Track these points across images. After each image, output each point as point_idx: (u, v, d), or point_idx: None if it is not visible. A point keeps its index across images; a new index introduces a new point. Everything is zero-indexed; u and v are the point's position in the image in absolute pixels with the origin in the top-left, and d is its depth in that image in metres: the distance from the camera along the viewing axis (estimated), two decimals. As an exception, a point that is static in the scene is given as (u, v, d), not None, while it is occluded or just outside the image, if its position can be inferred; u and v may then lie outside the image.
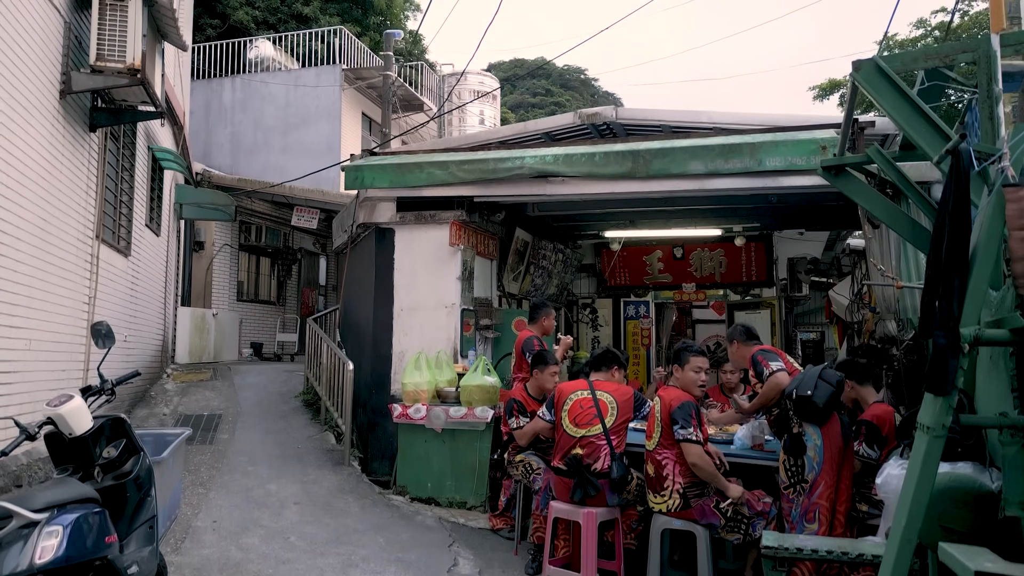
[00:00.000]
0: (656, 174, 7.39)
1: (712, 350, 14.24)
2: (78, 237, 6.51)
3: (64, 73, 5.95)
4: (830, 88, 20.85)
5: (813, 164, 6.82)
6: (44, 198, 5.66)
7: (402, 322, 8.36)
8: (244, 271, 15.35)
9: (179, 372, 10.87)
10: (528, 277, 10.15)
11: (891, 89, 3.99)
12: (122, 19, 6.05)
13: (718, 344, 13.97)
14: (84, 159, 6.61)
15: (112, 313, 7.70)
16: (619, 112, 9.78)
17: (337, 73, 18.84)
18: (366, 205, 8.62)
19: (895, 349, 6.59)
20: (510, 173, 7.76)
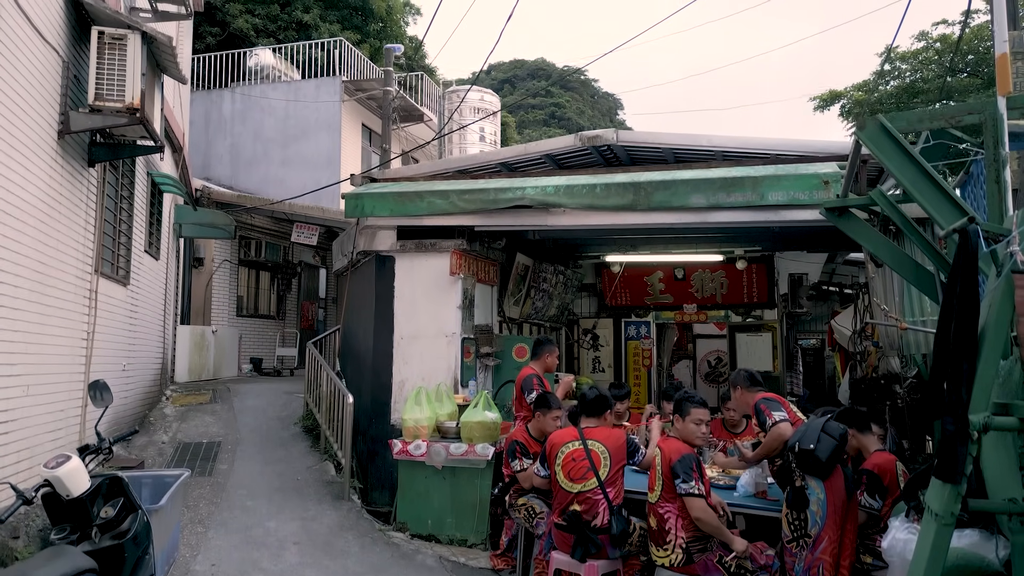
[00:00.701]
0: (658, 206, 7.35)
1: (713, 365, 14.26)
2: (77, 274, 6.47)
3: (62, 113, 5.91)
4: (830, 99, 20.81)
5: (815, 199, 6.80)
6: (42, 240, 5.62)
7: (402, 350, 8.33)
8: (244, 286, 15.31)
9: (178, 394, 10.83)
10: (529, 301, 10.11)
11: (896, 150, 3.95)
12: (121, 58, 6.01)
13: (719, 359, 13.98)
14: (83, 194, 6.57)
15: (111, 346, 7.67)
16: (620, 135, 9.71)
17: (337, 85, 18.80)
18: (366, 232, 8.58)
19: (899, 386, 6.56)
20: (511, 204, 7.71)
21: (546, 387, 6.52)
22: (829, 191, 6.73)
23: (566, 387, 6.82)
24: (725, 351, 13.42)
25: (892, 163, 3.93)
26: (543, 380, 6.57)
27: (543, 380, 6.57)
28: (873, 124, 3.98)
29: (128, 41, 6.02)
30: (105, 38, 6.00)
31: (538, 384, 6.41)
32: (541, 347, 6.85)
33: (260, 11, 26.63)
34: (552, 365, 6.83)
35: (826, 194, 6.74)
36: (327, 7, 27.70)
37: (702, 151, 9.61)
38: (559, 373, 8.44)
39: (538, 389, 6.34)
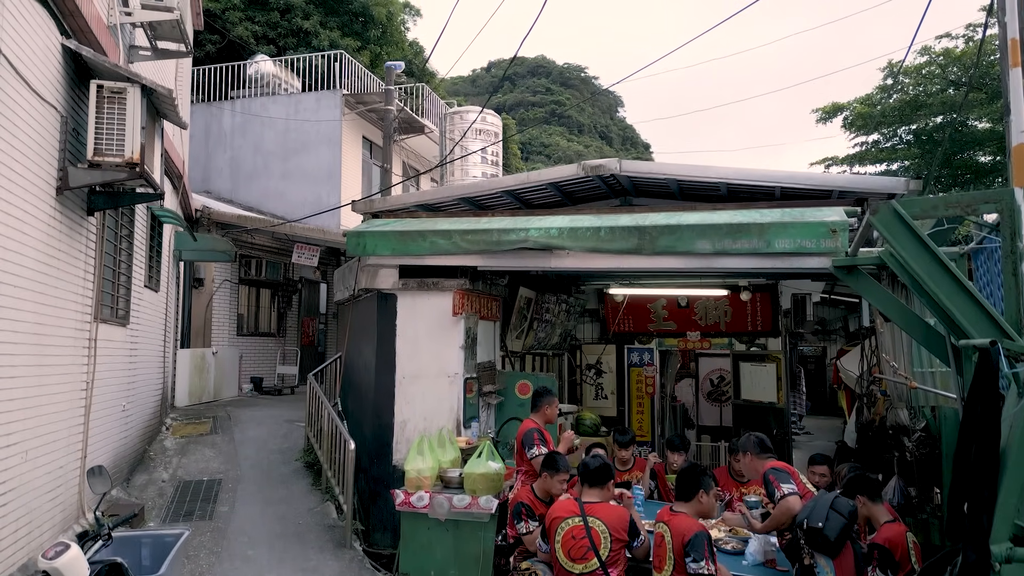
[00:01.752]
0: (663, 251, 7.26)
1: (715, 384, 14.20)
2: (76, 326, 6.40)
3: (61, 169, 5.82)
4: (833, 111, 20.71)
5: (823, 247, 6.72)
6: (39, 301, 5.54)
7: (404, 390, 8.26)
8: (244, 304, 15.24)
9: (178, 423, 10.76)
10: (531, 333, 10.04)
11: (910, 238, 3.88)
12: (120, 111, 5.92)
13: (721, 378, 13.91)
14: (82, 244, 6.49)
15: (111, 390, 7.60)
16: (623, 165, 9.65)
17: (338, 98, 18.72)
18: (368, 270, 8.51)
19: (907, 439, 6.49)
20: (514, 246, 7.63)
21: (547, 441, 6.44)
22: (837, 240, 6.64)
23: (567, 443, 6.71)
24: (728, 370, 13.35)
25: (907, 252, 3.86)
26: (544, 433, 6.48)
27: (544, 433, 6.48)
28: (887, 210, 3.91)
29: (127, 94, 5.93)
30: (104, 92, 5.91)
31: (538, 439, 6.32)
32: (540, 398, 6.76)
33: (260, 18, 26.51)
34: (552, 416, 6.73)
35: (833, 243, 6.65)
36: (327, 13, 27.57)
37: (706, 182, 9.55)
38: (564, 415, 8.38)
39: (538, 444, 6.27)
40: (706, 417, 14.25)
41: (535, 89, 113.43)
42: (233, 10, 25.90)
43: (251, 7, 26.66)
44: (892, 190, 9.38)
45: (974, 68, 15.97)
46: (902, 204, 3.92)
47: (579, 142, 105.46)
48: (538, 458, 6.36)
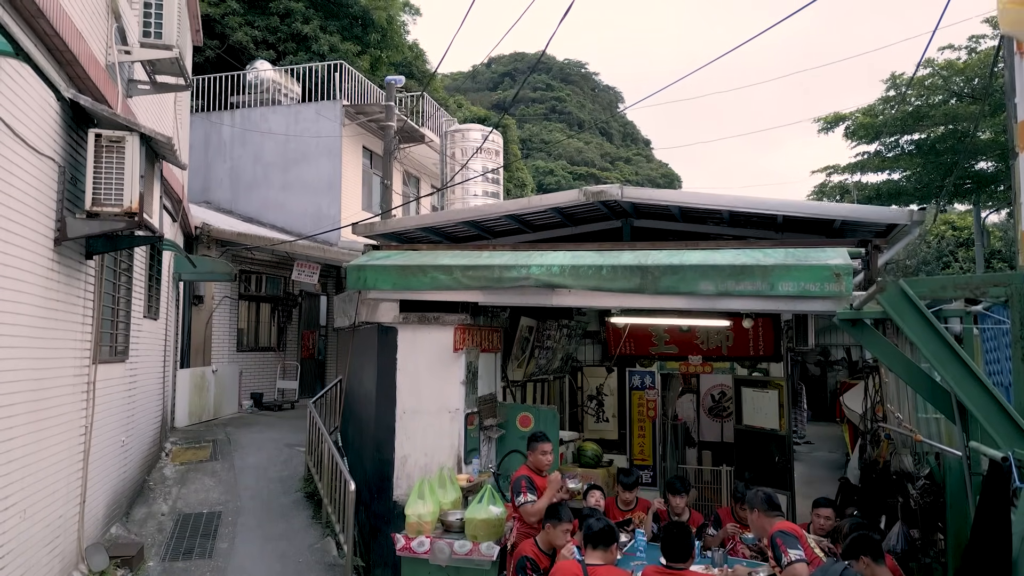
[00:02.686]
0: (665, 291, 7.21)
1: (717, 399, 14.15)
2: (75, 372, 6.35)
3: (59, 220, 5.77)
4: (835, 121, 20.65)
5: (826, 291, 6.66)
6: (37, 356, 5.49)
7: (404, 425, 8.22)
8: (244, 319, 15.19)
9: (178, 447, 10.74)
10: (533, 361, 10.01)
11: (918, 319, 3.84)
12: (119, 160, 5.87)
13: (723, 394, 13.86)
14: (80, 288, 6.44)
15: (110, 429, 7.56)
16: (625, 191, 9.63)
17: (338, 109, 18.64)
18: (368, 303, 8.46)
19: (911, 486, 6.45)
20: (516, 284, 7.58)
21: (537, 486, 6.41)
22: (841, 284, 6.58)
23: (555, 486, 6.58)
24: (729, 385, 13.31)
25: (914, 333, 3.81)
26: (533, 479, 6.45)
27: (533, 479, 6.45)
28: (894, 289, 3.86)
29: (126, 143, 5.88)
30: (102, 140, 5.86)
31: (526, 486, 6.30)
32: (532, 443, 6.75)
33: (259, 23, 26.43)
34: (543, 464, 6.66)
35: (837, 287, 6.59)
36: (327, 17, 27.48)
37: (708, 210, 9.52)
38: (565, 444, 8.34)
39: (525, 492, 6.26)
40: (707, 433, 14.20)
41: (535, 85, 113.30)
42: (232, 15, 25.81)
43: (251, 12, 26.57)
44: (895, 221, 9.34)
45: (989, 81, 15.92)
46: (909, 284, 3.87)
47: (579, 138, 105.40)
48: (525, 506, 6.34)
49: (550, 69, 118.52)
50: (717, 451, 13.68)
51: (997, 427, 3.46)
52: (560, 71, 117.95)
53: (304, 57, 26.15)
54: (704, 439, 14.20)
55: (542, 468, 6.59)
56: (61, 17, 5.30)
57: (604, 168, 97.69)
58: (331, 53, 26.41)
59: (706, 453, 13.93)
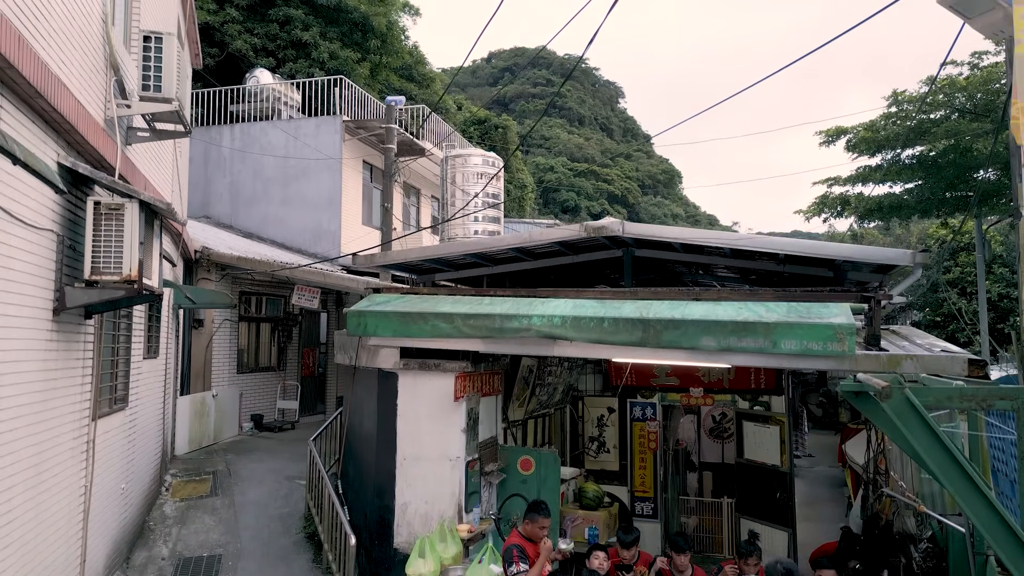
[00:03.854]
0: (667, 346, 7.17)
1: (717, 420, 14.14)
2: (73, 435, 6.33)
3: (58, 290, 5.74)
4: (836, 134, 20.59)
5: (829, 350, 6.65)
6: (36, 425, 5.46)
7: (405, 472, 8.20)
8: (244, 339, 15.15)
9: (178, 480, 10.72)
10: (534, 398, 9.98)
11: (923, 428, 3.81)
12: (118, 228, 5.83)
13: (723, 415, 13.85)
14: (80, 349, 6.41)
15: (109, 481, 7.54)
16: (625, 227, 9.66)
17: (338, 124, 18.59)
18: (369, 349, 8.44)
19: (914, 548, 6.44)
20: (517, 334, 7.55)
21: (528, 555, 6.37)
22: (844, 344, 6.56)
23: (547, 554, 6.51)
24: (730, 406, 13.29)
25: (918, 442, 3.78)
26: (524, 549, 6.40)
27: (524, 549, 6.40)
28: (899, 397, 3.83)
29: (125, 211, 5.85)
30: (101, 208, 5.83)
31: (518, 556, 6.26)
32: (530, 513, 6.70)
33: (259, 30, 26.36)
34: (537, 535, 6.58)
35: (840, 347, 6.57)
36: (327, 23, 27.39)
37: (710, 246, 9.51)
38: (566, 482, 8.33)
39: (517, 562, 6.23)
40: (708, 454, 14.20)
41: (535, 81, 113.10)
42: (232, 23, 25.74)
43: (250, 19, 26.49)
44: (897, 262, 9.33)
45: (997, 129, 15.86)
46: (915, 392, 3.84)
47: (579, 134, 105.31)
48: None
49: (550, 64, 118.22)
50: (718, 472, 13.68)
51: (1004, 547, 3.43)
52: (560, 66, 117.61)
53: (304, 64, 26.08)
54: (705, 460, 14.20)
55: (536, 539, 6.54)
56: (59, 91, 5.26)
57: (604, 164, 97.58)
58: (331, 60, 26.34)
59: (707, 474, 13.94)
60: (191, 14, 11.82)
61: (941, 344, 8.37)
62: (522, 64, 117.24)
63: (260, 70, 22.41)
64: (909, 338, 9.04)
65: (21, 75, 4.56)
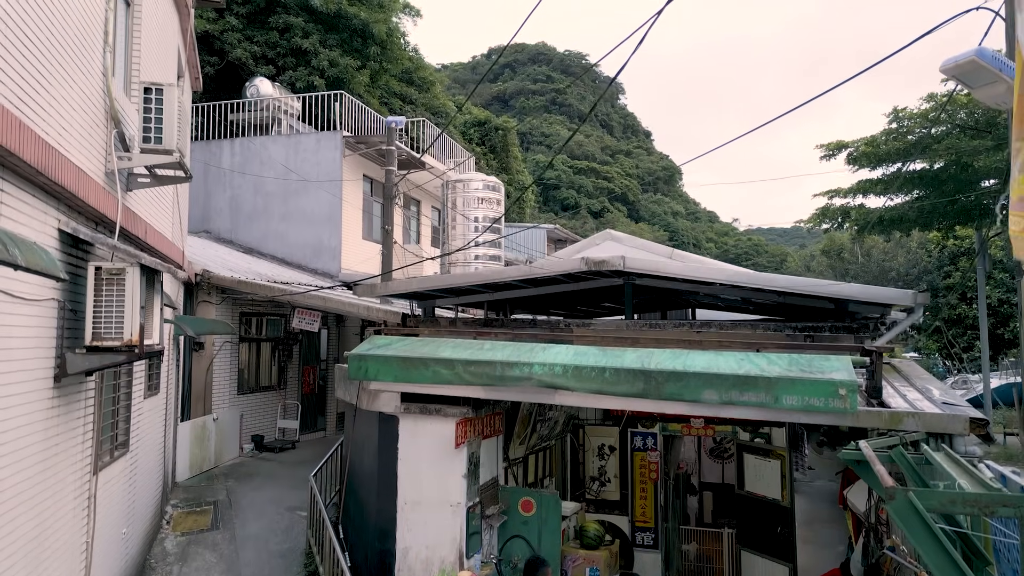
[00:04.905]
0: (669, 398, 7.17)
1: (718, 441, 14.14)
2: (75, 493, 6.33)
3: (59, 357, 5.73)
4: (837, 148, 20.55)
5: (831, 406, 6.65)
6: (37, 488, 5.46)
7: (406, 516, 8.21)
8: (244, 360, 15.15)
9: (179, 512, 10.74)
10: (535, 435, 9.98)
11: (927, 533, 3.80)
12: (119, 292, 5.82)
13: (724, 435, 13.86)
14: (81, 408, 6.41)
15: (110, 529, 7.54)
16: (627, 262, 9.65)
17: (338, 139, 18.56)
18: (369, 392, 8.44)
19: (914, 608, 6.43)
20: (517, 384, 7.55)
21: None
22: (846, 401, 6.56)
23: None
24: (731, 437, 13.29)
25: (919, 542, 3.78)
26: None
27: None
28: (902, 500, 3.83)
29: (126, 275, 5.83)
30: (103, 273, 5.82)
31: None
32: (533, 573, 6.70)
33: (259, 38, 26.31)
34: None
35: (842, 404, 6.58)
36: (327, 31, 27.34)
37: (709, 283, 9.52)
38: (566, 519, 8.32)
39: None
40: (708, 474, 14.20)
41: (535, 77, 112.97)
42: (232, 31, 25.68)
43: (250, 27, 26.43)
44: (898, 301, 9.34)
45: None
46: (918, 496, 3.83)
47: (580, 131, 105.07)
48: None
49: (550, 60, 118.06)
50: (718, 492, 13.70)
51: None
52: (560, 62, 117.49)
53: (304, 72, 26.03)
54: (705, 480, 14.22)
55: None
56: (59, 163, 5.25)
57: (604, 162, 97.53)
58: (331, 68, 26.30)
59: (707, 494, 13.95)
60: (191, 42, 11.78)
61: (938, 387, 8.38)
62: (522, 60, 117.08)
63: (260, 79, 22.37)
64: (910, 379, 9.04)
65: (22, 159, 4.55)
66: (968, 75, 5.53)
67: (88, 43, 6.27)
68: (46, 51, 5.22)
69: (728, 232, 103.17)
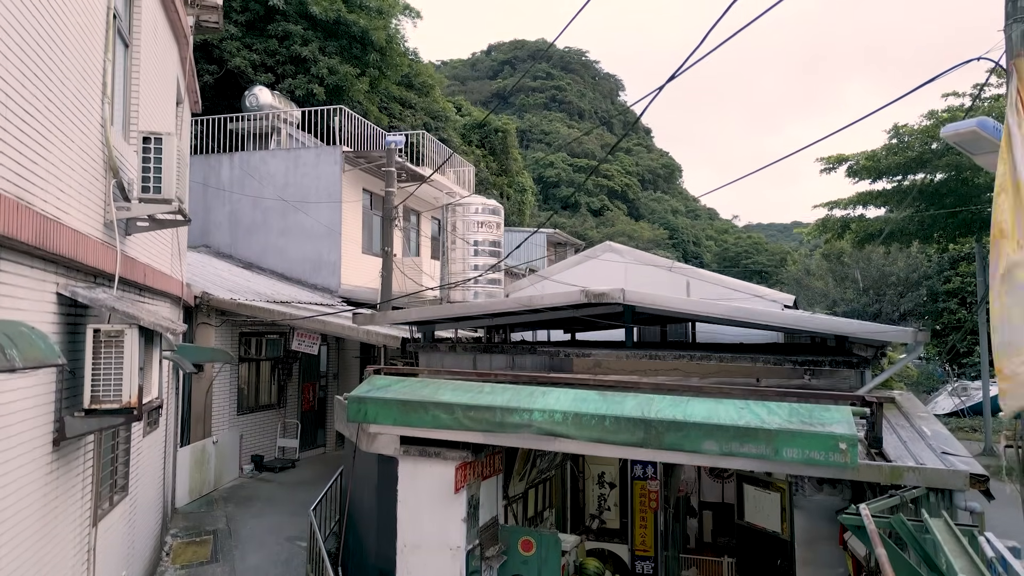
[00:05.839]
0: (669, 447, 7.16)
1: (717, 462, 14.16)
2: (75, 548, 6.32)
3: (58, 420, 5.72)
4: (837, 161, 20.53)
5: (831, 460, 6.64)
6: (37, 545, 5.45)
7: (405, 559, 8.20)
8: (244, 379, 15.14)
9: (179, 542, 10.74)
10: (535, 469, 9.98)
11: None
12: (118, 354, 5.81)
13: (723, 457, 13.87)
14: (80, 464, 6.40)
15: (110, 572, 7.53)
16: (627, 295, 9.68)
17: (337, 154, 18.53)
18: (369, 434, 8.43)
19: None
20: (517, 430, 7.54)
21: None
22: (846, 456, 6.55)
23: None
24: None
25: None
26: None
27: None
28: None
29: (125, 337, 5.82)
30: (101, 336, 5.80)
31: None
32: None
33: (258, 45, 26.26)
34: None
35: (843, 458, 6.57)
36: (326, 37, 27.28)
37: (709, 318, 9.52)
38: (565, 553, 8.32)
39: None
40: (708, 493, 14.22)
41: (535, 74, 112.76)
42: (231, 39, 25.63)
43: (249, 35, 26.38)
44: (898, 340, 9.33)
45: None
46: None
47: (579, 128, 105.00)
48: None
49: (550, 57, 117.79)
50: (718, 511, 13.72)
51: None
52: (560, 59, 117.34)
53: (303, 80, 25.97)
54: (705, 499, 14.24)
55: None
56: (58, 232, 5.23)
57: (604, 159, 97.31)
58: (330, 76, 26.25)
59: (707, 514, 13.97)
60: (190, 69, 11.75)
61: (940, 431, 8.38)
62: (522, 57, 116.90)
63: (259, 88, 22.34)
64: (910, 418, 9.05)
65: (20, 241, 4.53)
66: (969, 143, 5.51)
67: (86, 98, 6.24)
68: (45, 119, 5.20)
69: (728, 230, 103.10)
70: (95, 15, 6.47)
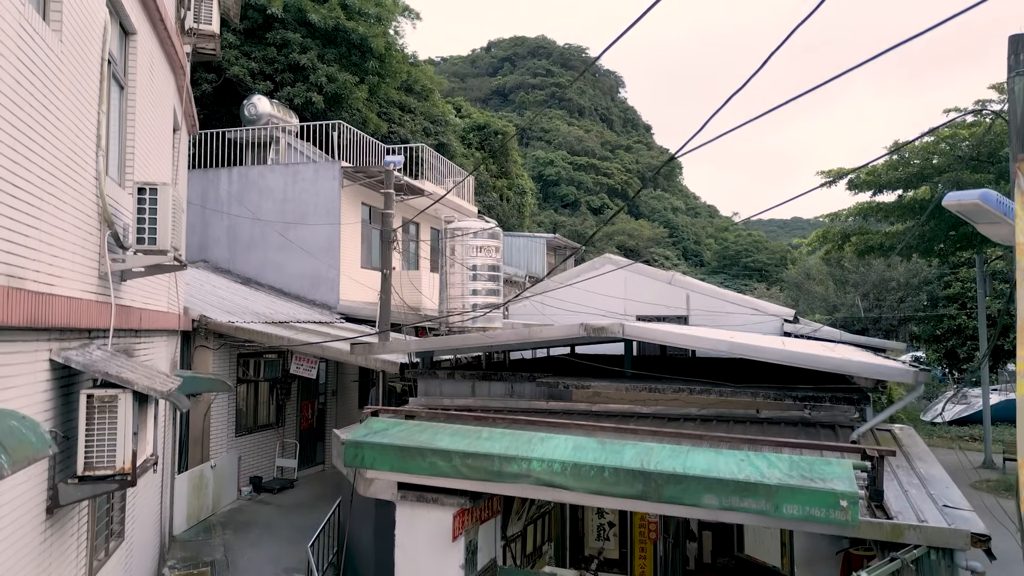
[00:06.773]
0: (668, 500, 7.12)
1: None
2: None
3: (51, 488, 5.66)
4: (839, 175, 20.45)
5: (832, 518, 6.58)
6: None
7: (404, 604, 8.18)
8: (242, 401, 15.09)
9: (176, 574, 10.69)
10: (533, 506, 9.93)
11: None
12: (112, 419, 5.76)
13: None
14: (74, 526, 6.35)
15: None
16: (626, 329, 9.64)
17: (336, 169, 18.45)
18: (366, 480, 8.38)
19: None
20: (515, 480, 7.49)
21: None
22: (847, 513, 6.50)
23: None
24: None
25: None
26: None
27: None
28: None
29: (119, 402, 5.77)
30: (94, 401, 5.75)
31: None
32: None
33: (256, 53, 26.16)
34: None
35: (843, 516, 6.52)
36: (325, 45, 27.16)
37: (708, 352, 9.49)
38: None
39: None
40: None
41: (535, 71, 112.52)
42: (229, 48, 25.49)
43: (247, 43, 26.26)
44: (900, 379, 9.28)
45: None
46: None
47: (579, 126, 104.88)
48: None
49: (550, 54, 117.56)
50: (717, 532, 13.69)
51: None
52: (560, 56, 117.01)
53: (302, 88, 25.87)
54: (704, 521, 14.21)
55: None
56: (51, 305, 5.17)
57: (604, 157, 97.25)
58: (329, 83, 26.14)
59: (706, 534, 13.94)
60: (187, 96, 11.67)
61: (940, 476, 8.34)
62: (522, 54, 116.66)
63: (258, 96, 22.25)
64: (911, 460, 9.01)
65: (12, 325, 4.47)
66: (972, 214, 5.45)
67: (80, 152, 6.17)
68: (36, 190, 5.13)
69: (728, 227, 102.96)
70: (89, 67, 6.39)
